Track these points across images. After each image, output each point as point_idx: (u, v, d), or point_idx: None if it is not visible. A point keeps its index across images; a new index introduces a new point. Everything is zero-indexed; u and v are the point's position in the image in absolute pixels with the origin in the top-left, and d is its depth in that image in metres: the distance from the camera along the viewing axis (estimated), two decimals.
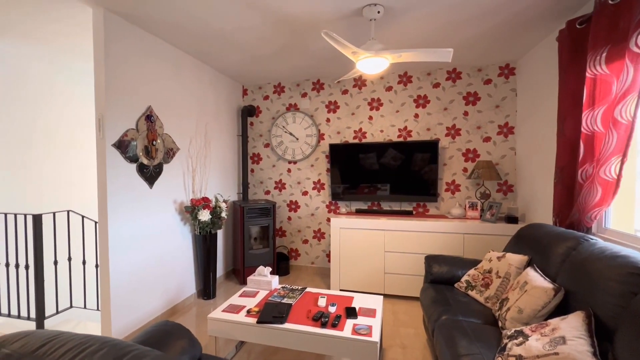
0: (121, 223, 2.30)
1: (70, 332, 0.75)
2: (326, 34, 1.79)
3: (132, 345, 0.69)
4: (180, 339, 1.31)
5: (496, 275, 2.06)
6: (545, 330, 1.34)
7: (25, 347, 0.68)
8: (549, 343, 1.25)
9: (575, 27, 2.09)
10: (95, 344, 0.68)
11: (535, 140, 2.92)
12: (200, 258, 3.11)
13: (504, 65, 3.32)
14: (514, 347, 1.35)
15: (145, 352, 0.67)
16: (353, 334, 1.75)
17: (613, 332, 1.22)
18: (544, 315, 1.54)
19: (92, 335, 0.73)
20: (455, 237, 2.98)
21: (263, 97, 4.08)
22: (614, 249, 1.44)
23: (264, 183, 4.12)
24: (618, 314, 1.22)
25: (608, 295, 1.29)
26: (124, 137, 2.29)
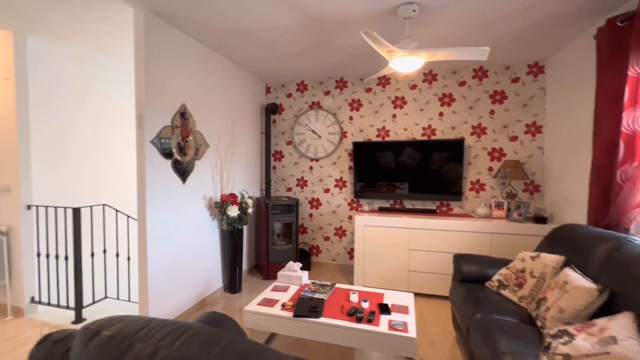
0: (158, 216, 2.37)
1: (158, 318, 0.80)
2: (366, 33, 1.81)
3: (221, 332, 0.73)
4: (231, 329, 1.36)
5: (530, 275, 2.05)
6: (592, 330, 1.34)
7: (125, 330, 0.73)
8: (598, 343, 1.26)
9: (616, 25, 2.05)
10: (188, 330, 0.72)
11: (566, 140, 2.88)
12: (227, 253, 3.18)
13: (532, 64, 3.28)
14: (559, 346, 1.35)
15: (235, 340, 0.71)
16: (390, 330, 1.77)
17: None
18: (587, 316, 1.53)
19: (179, 321, 0.78)
20: (482, 236, 2.97)
21: (286, 95, 4.11)
22: None
23: (285, 180, 4.17)
24: None
25: None
26: (160, 134, 2.36)
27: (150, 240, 2.30)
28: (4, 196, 2.71)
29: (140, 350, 0.68)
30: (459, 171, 3.37)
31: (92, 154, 3.36)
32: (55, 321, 2.63)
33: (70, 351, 0.77)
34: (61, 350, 0.79)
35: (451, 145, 3.37)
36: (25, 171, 2.68)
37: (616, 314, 1.41)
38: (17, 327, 2.53)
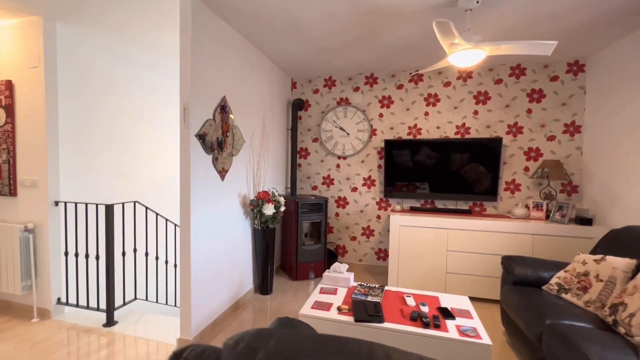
0: (200, 216, 2.26)
1: (306, 332, 0.69)
2: (438, 23, 1.72)
3: (378, 345, 0.63)
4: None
5: (596, 278, 1.98)
6: None
7: (286, 347, 0.62)
8: None
9: None
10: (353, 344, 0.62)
11: (609, 141, 2.82)
12: (259, 252, 3.06)
13: (572, 62, 3.21)
14: None
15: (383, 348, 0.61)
16: (461, 336, 1.69)
17: None
18: None
19: (332, 335, 0.67)
20: (523, 237, 2.90)
21: (313, 90, 4.00)
22: None
23: (311, 178, 4.06)
24: None
25: None
26: (203, 128, 2.24)
27: (193, 241, 2.18)
28: (31, 191, 2.56)
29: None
30: (495, 170, 3.30)
31: (117, 148, 3.22)
32: (85, 323, 2.50)
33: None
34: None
35: (488, 143, 3.30)
36: (53, 165, 2.54)
37: None
38: (45, 331, 2.39)
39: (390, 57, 3.24)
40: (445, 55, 3.13)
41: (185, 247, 2.16)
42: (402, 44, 2.88)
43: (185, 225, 2.15)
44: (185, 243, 2.16)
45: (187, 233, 2.15)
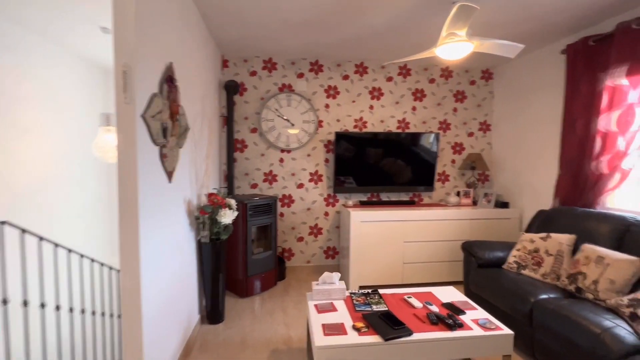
0: (148, 238, 1.53)
1: None
2: (462, 6, 1.61)
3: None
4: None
5: (546, 253, 2.33)
6: None
7: None
8: None
9: (589, 44, 2.53)
10: None
11: (515, 137, 3.44)
12: (208, 272, 2.40)
13: (485, 70, 3.77)
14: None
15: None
16: (485, 331, 1.67)
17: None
18: (632, 284, 1.83)
19: None
20: (464, 222, 3.24)
21: (249, 72, 3.42)
22: None
23: (249, 175, 3.49)
24: None
25: None
26: (151, 107, 1.51)
27: (144, 279, 1.46)
28: None
29: None
30: (432, 163, 3.58)
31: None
32: None
33: None
34: None
35: (427, 138, 3.54)
36: None
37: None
38: None
39: (350, 45, 3.04)
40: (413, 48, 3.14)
41: (133, 289, 1.42)
42: (371, 31, 2.71)
43: (131, 257, 1.41)
44: (132, 283, 1.42)
45: (133, 268, 1.41)
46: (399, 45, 3.03)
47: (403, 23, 2.54)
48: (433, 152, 3.55)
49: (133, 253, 1.40)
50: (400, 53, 3.25)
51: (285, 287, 3.17)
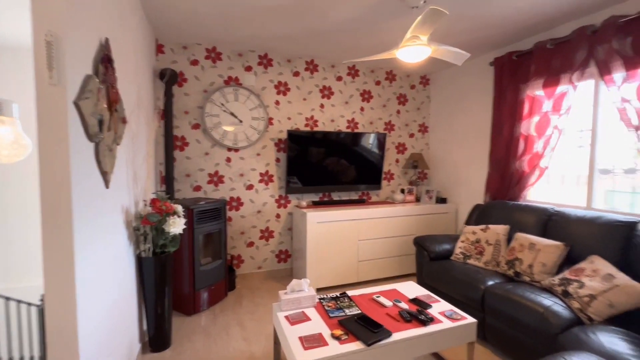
0: (85, 258, 1.19)
1: None
2: (434, 10, 1.65)
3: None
4: None
5: (486, 243, 2.60)
6: (586, 273, 1.89)
7: None
8: (601, 280, 1.80)
9: (512, 58, 2.91)
10: None
11: (451, 139, 3.79)
12: (151, 291, 2.04)
13: (423, 75, 4.06)
14: (578, 291, 1.83)
15: None
16: (453, 322, 1.76)
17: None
18: (559, 265, 2.14)
19: None
20: (410, 219, 3.44)
21: (190, 61, 3.04)
22: (587, 214, 2.20)
23: (191, 176, 3.11)
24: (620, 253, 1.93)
25: (607, 242, 1.98)
26: (86, 92, 1.18)
27: (80, 305, 1.13)
28: None
29: None
30: (380, 163, 3.71)
31: None
32: None
33: None
34: None
35: (376, 138, 3.65)
36: None
37: (580, 260, 2.06)
38: None
39: (301, 40, 2.92)
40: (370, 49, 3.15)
41: (66, 327, 1.08)
42: (324, 28, 2.64)
43: (64, 285, 1.07)
44: (65, 319, 1.08)
45: (66, 299, 1.08)
46: (353, 45, 3.04)
47: (357, 23, 2.54)
48: (380, 152, 3.69)
49: (66, 280, 1.07)
50: (351, 53, 3.27)
51: (237, 298, 2.92)
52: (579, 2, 2.22)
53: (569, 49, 2.46)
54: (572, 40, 2.43)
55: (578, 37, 2.38)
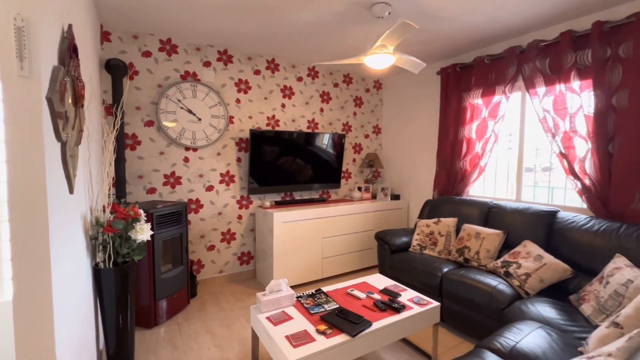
0: (61, 276, 1.06)
1: None
2: (403, 23, 1.80)
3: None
4: None
5: (439, 234, 2.90)
6: (522, 256, 2.25)
7: None
8: (533, 261, 2.16)
9: (456, 69, 3.28)
10: None
11: (402, 140, 4.11)
12: (111, 305, 1.84)
13: (376, 80, 4.32)
14: (516, 271, 2.17)
15: None
16: (421, 307, 1.95)
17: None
18: (498, 250, 2.50)
19: None
20: (369, 215, 3.65)
21: (141, 52, 2.79)
22: (519, 206, 2.61)
23: (145, 177, 2.87)
24: (545, 237, 2.33)
25: (536, 229, 2.38)
26: (56, 85, 1.04)
27: (58, 330, 1.00)
28: None
29: None
30: (339, 162, 3.86)
31: None
32: None
33: None
34: None
35: (336, 138, 3.78)
36: None
37: (515, 245, 2.44)
38: None
39: (263, 39, 2.89)
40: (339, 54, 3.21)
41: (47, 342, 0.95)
42: (287, 29, 2.66)
43: (39, 311, 0.94)
44: (42, 346, 0.95)
45: (42, 325, 0.95)
46: (317, 47, 3.11)
47: (323, 27, 2.62)
48: (339, 152, 3.83)
49: (42, 304, 0.94)
50: (315, 55, 3.34)
51: (201, 305, 2.78)
52: (509, 25, 2.60)
53: (502, 65, 2.87)
54: (504, 58, 2.84)
55: (509, 55, 2.80)
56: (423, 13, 2.36)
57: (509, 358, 1.38)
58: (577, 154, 2.41)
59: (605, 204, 2.27)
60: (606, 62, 2.25)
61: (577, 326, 1.68)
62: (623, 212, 2.17)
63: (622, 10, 2.22)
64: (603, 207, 2.27)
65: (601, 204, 2.27)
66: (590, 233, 2.11)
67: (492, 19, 2.47)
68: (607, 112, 2.24)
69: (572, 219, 2.28)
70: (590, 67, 2.30)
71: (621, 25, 2.17)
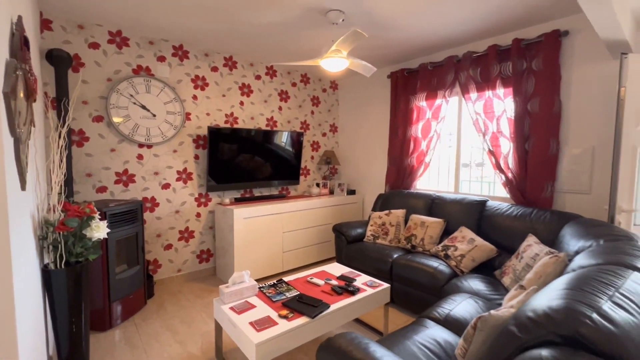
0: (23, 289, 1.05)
1: None
2: (355, 32, 1.98)
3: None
4: None
5: (390, 225, 3.18)
6: (458, 240, 2.58)
7: None
8: (467, 244, 2.50)
9: (404, 74, 3.58)
10: None
11: (357, 138, 4.36)
12: (63, 309, 1.78)
13: (332, 81, 4.51)
14: (454, 253, 2.49)
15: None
16: (374, 289, 2.17)
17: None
18: (440, 236, 2.83)
19: None
20: (326, 209, 3.83)
21: (88, 43, 2.64)
22: (457, 197, 2.97)
23: (94, 176, 2.73)
24: (476, 223, 2.70)
25: (469, 216, 2.74)
26: (10, 80, 1.03)
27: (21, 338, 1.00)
28: None
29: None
30: (298, 159, 3.98)
31: None
32: None
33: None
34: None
35: (295, 136, 3.90)
36: None
37: (453, 231, 2.78)
38: None
39: (220, 36, 2.90)
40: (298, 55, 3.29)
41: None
42: (251, 29, 2.71)
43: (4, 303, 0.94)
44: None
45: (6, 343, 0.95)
46: (275, 47, 3.19)
47: (281, 28, 2.71)
48: (298, 150, 3.95)
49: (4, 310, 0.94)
50: (273, 55, 3.41)
51: (159, 305, 2.74)
52: (448, 37, 2.93)
53: (442, 72, 3.21)
54: (444, 65, 3.19)
55: (448, 64, 3.14)
56: (374, 22, 2.57)
57: (444, 323, 1.63)
58: (502, 152, 2.81)
59: (523, 193, 2.69)
60: (523, 74, 2.67)
61: (499, 294, 2.01)
62: (536, 199, 2.60)
63: (534, 30, 2.64)
64: (521, 196, 2.69)
65: (520, 193, 2.69)
66: (511, 218, 2.50)
67: (434, 30, 2.76)
68: (523, 116, 2.66)
69: (498, 207, 2.67)
70: (511, 77, 2.70)
71: (534, 43, 2.58)
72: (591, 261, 1.22)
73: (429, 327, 1.57)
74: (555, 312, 0.78)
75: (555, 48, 2.49)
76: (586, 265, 1.20)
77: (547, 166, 2.55)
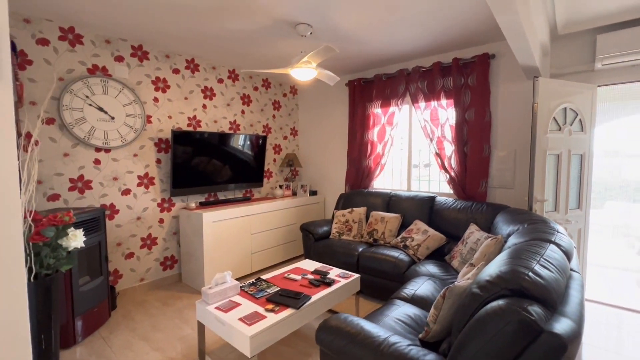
0: None
1: None
2: (327, 47, 2.18)
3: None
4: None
5: (353, 222, 3.45)
6: (413, 232, 2.95)
7: None
8: (422, 235, 2.87)
9: (361, 83, 3.90)
10: None
11: (316, 141, 4.59)
12: (32, 324, 1.67)
13: (292, 85, 4.67)
14: (411, 243, 2.84)
15: None
16: (346, 279, 2.39)
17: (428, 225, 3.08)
18: (398, 229, 3.17)
19: None
20: (291, 210, 3.98)
21: (36, 39, 2.43)
22: (410, 194, 3.35)
23: (44, 183, 2.52)
24: (428, 216, 3.10)
25: (422, 211, 3.14)
26: None
27: None
28: None
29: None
30: (261, 162, 4.07)
31: None
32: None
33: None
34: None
35: (258, 140, 3.97)
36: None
37: (409, 224, 3.15)
38: None
39: (182, 37, 2.88)
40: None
41: None
42: (218, 34, 2.75)
43: None
44: None
45: None
46: (241, 52, 3.25)
47: (250, 35, 2.80)
48: (261, 153, 4.04)
49: None
50: (238, 59, 3.46)
51: (124, 316, 2.62)
52: (400, 52, 3.31)
53: (395, 83, 3.59)
54: (396, 77, 3.57)
55: (399, 76, 3.53)
56: (338, 35, 2.81)
57: (412, 301, 1.91)
58: (446, 154, 3.26)
59: (463, 189, 3.16)
60: (461, 88, 3.14)
61: (450, 275, 2.39)
62: (474, 194, 3.09)
63: (470, 51, 3.14)
64: (463, 192, 3.16)
65: (461, 189, 3.16)
66: (455, 210, 2.94)
67: (388, 45, 3.10)
68: (462, 123, 3.13)
69: (444, 202, 3.10)
70: (452, 90, 3.16)
71: (469, 62, 3.06)
72: (521, 239, 1.59)
73: (400, 306, 1.84)
74: (505, 274, 1.07)
75: (485, 68, 3.00)
76: (518, 242, 1.57)
77: (481, 166, 3.05)
